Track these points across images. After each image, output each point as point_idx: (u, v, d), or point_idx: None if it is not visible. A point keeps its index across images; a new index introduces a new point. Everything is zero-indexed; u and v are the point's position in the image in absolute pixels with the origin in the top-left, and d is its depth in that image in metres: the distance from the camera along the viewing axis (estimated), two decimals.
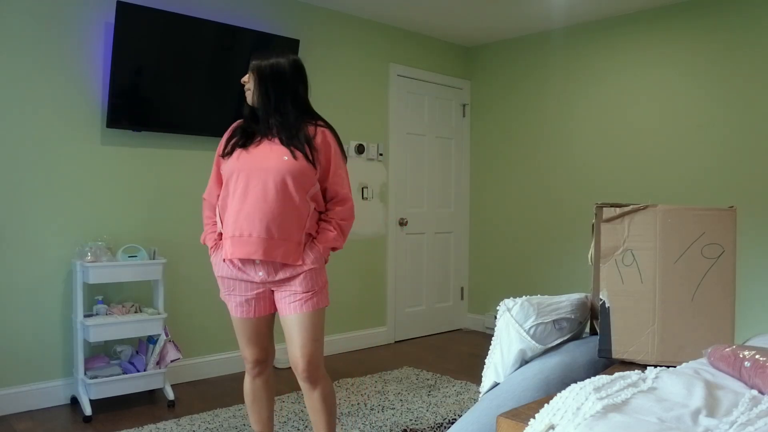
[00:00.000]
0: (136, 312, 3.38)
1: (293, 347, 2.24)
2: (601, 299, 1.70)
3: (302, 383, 2.28)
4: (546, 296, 1.90)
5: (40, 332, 3.27)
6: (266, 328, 2.35)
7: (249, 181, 2.16)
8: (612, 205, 1.70)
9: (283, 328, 2.28)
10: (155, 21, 3.45)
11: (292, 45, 3.95)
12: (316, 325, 2.25)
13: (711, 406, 1.17)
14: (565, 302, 1.87)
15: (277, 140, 2.20)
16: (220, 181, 2.31)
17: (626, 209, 1.68)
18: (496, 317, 1.92)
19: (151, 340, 3.37)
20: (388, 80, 4.82)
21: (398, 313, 4.96)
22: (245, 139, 2.22)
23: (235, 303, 2.28)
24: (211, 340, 3.90)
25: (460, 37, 5.14)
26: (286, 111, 2.21)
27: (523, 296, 1.88)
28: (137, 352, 3.40)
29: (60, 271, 3.32)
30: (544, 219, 4.90)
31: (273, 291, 2.28)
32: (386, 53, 4.82)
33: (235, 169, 2.19)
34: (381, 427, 3.01)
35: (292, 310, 2.22)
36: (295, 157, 2.16)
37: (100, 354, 3.36)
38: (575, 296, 1.93)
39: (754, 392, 1.24)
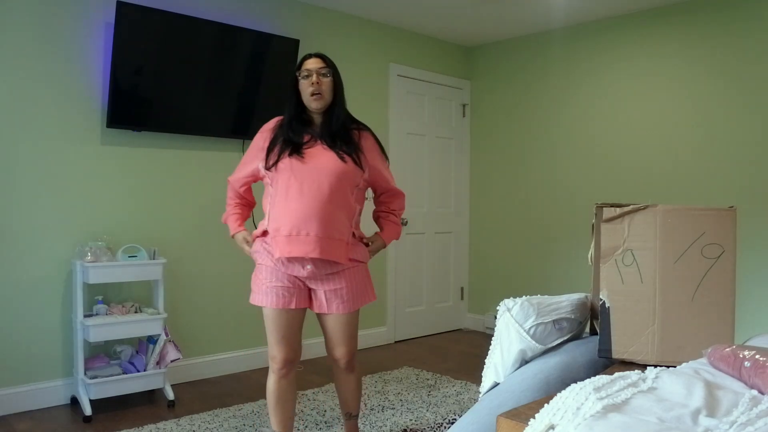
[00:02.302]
0: (136, 312, 3.38)
1: (336, 344, 2.38)
2: (601, 299, 1.70)
3: (340, 370, 2.46)
4: (546, 296, 1.90)
5: (40, 332, 3.27)
6: (299, 324, 2.37)
7: (303, 181, 2.22)
8: (612, 205, 1.70)
9: (321, 323, 2.38)
10: (155, 21, 3.45)
11: (292, 45, 3.95)
12: (354, 324, 2.39)
13: (711, 406, 1.17)
14: (565, 302, 1.87)
15: (326, 143, 2.28)
16: (247, 173, 2.39)
17: (626, 209, 1.68)
18: (496, 317, 1.92)
19: (151, 340, 3.37)
20: (388, 80, 4.82)
21: (398, 313, 4.96)
22: (292, 146, 2.26)
23: (273, 292, 2.29)
24: (211, 340, 3.90)
25: (460, 37, 5.14)
26: (341, 115, 2.33)
27: (523, 296, 1.88)
28: (137, 352, 3.40)
29: (60, 271, 3.33)
30: (544, 219, 4.90)
31: (310, 288, 2.33)
32: (386, 53, 4.82)
33: (287, 169, 2.24)
34: (381, 427, 3.01)
35: (335, 309, 2.30)
36: (344, 160, 2.25)
37: (100, 354, 3.36)
38: (575, 296, 1.93)
39: (754, 392, 1.24)
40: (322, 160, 2.24)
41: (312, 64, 2.32)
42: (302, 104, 2.34)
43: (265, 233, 2.33)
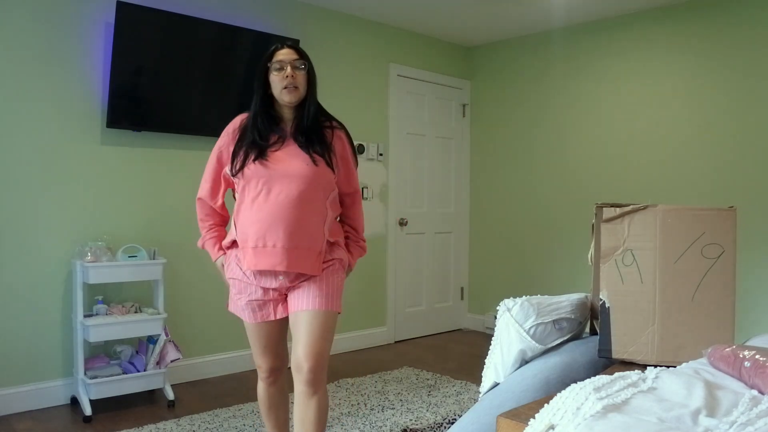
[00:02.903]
0: (136, 312, 3.38)
1: (300, 345, 2.06)
2: (601, 299, 1.70)
3: (302, 387, 2.05)
4: (546, 296, 1.90)
5: (40, 332, 3.27)
6: (280, 333, 2.23)
7: (271, 188, 2.05)
8: (612, 205, 1.70)
9: (291, 326, 2.15)
10: (155, 21, 3.45)
11: None
12: (328, 325, 2.10)
13: (711, 406, 1.17)
14: (565, 302, 1.87)
15: (295, 144, 2.10)
16: (218, 182, 2.21)
17: (626, 209, 1.68)
18: (496, 317, 1.92)
19: (151, 340, 3.37)
20: (388, 80, 4.82)
21: (398, 313, 4.96)
22: (258, 149, 2.08)
23: (249, 308, 2.16)
24: (211, 340, 3.90)
25: (460, 37, 5.14)
26: (313, 110, 2.14)
27: (523, 296, 1.88)
28: (137, 352, 3.40)
29: (60, 271, 3.32)
30: (544, 219, 4.90)
31: (286, 294, 2.17)
32: (386, 53, 4.82)
33: (254, 175, 2.06)
34: (381, 427, 3.01)
35: (304, 305, 2.09)
36: (315, 163, 2.07)
37: (100, 354, 3.36)
38: (575, 296, 1.93)
39: (754, 392, 1.24)
40: (292, 164, 2.06)
41: (285, 55, 2.11)
42: (270, 99, 2.14)
43: (235, 243, 2.18)
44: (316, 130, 2.12)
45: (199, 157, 3.82)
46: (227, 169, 2.17)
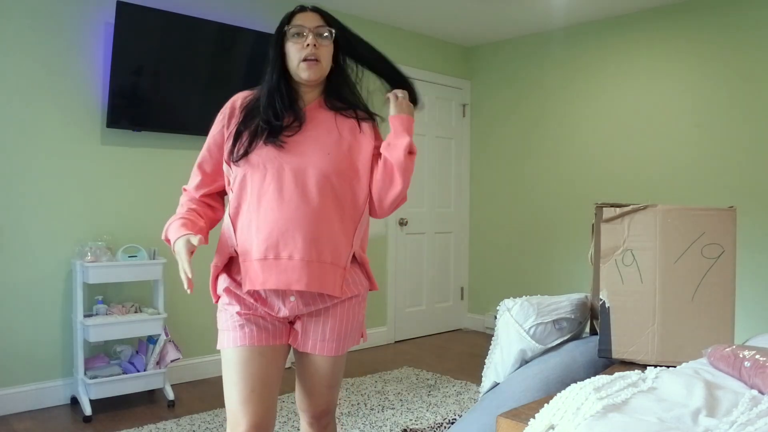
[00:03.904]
0: (136, 312, 3.38)
1: (312, 393, 1.72)
2: (601, 299, 1.70)
3: (310, 429, 1.78)
4: (546, 296, 1.90)
5: (40, 332, 3.27)
6: (278, 372, 1.64)
7: (284, 181, 1.58)
8: (612, 205, 1.70)
9: (298, 363, 1.73)
10: (155, 21, 3.45)
11: None
12: (342, 369, 1.75)
13: (711, 406, 1.17)
14: (565, 302, 1.87)
15: (318, 127, 1.66)
16: (211, 176, 1.74)
17: (626, 209, 1.68)
18: (496, 317, 1.92)
19: (151, 340, 3.37)
20: None
21: (398, 313, 4.96)
22: (270, 129, 1.61)
23: (243, 322, 1.60)
24: (211, 340, 3.90)
25: (460, 37, 5.14)
26: (344, 91, 1.76)
27: (523, 296, 1.88)
28: (137, 352, 3.40)
29: (60, 271, 3.32)
30: (544, 219, 4.90)
31: (290, 321, 1.69)
32: (386, 53, 4.80)
33: (263, 162, 1.60)
34: (381, 427, 3.01)
35: (318, 348, 1.65)
36: (342, 149, 1.65)
37: (100, 354, 3.36)
38: (575, 296, 1.93)
39: (754, 392, 1.24)
40: (313, 151, 1.61)
41: (306, 19, 1.65)
42: (287, 74, 1.69)
43: (230, 262, 1.66)
44: (344, 111, 1.73)
45: None
46: (224, 158, 1.68)
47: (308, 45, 1.62)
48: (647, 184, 4.31)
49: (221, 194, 1.78)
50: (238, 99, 1.74)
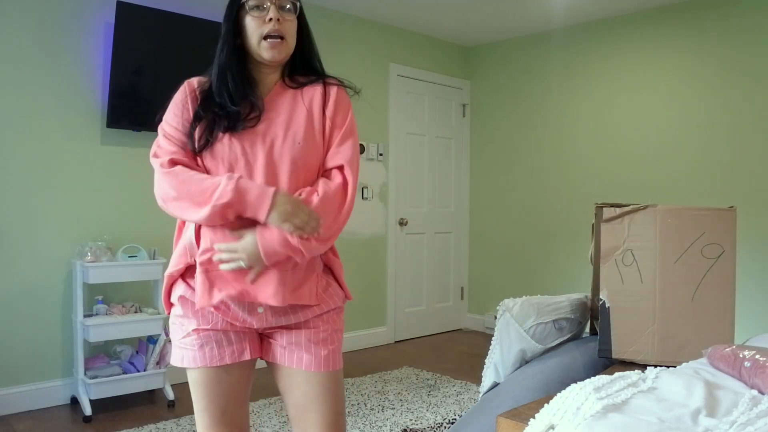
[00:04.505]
0: (136, 312, 3.38)
1: (313, 425, 1.46)
2: (601, 299, 1.70)
3: None
4: (546, 296, 1.90)
5: (40, 332, 3.27)
6: (245, 389, 1.49)
7: (251, 173, 1.41)
8: (612, 205, 1.70)
9: (287, 389, 1.49)
10: (155, 21, 3.45)
11: None
12: (342, 390, 1.51)
13: (711, 406, 1.17)
14: (565, 302, 1.87)
15: (279, 115, 1.45)
16: (187, 150, 1.45)
17: (626, 209, 1.68)
18: (496, 317, 1.92)
19: (151, 340, 3.37)
20: (388, 80, 4.82)
21: (398, 313, 4.96)
22: (229, 118, 1.42)
23: (201, 342, 1.42)
24: None
25: (460, 37, 5.14)
26: (309, 71, 1.57)
27: (523, 296, 1.88)
28: (137, 352, 3.40)
29: (60, 271, 3.32)
30: (544, 219, 4.90)
31: (259, 333, 1.50)
32: (386, 53, 4.82)
33: (226, 153, 1.41)
34: (381, 427, 3.01)
35: (310, 364, 1.44)
36: (308, 139, 1.44)
37: (100, 354, 3.36)
38: (575, 296, 1.93)
39: (754, 392, 1.24)
40: (276, 142, 1.42)
41: None
42: (242, 52, 1.48)
43: (187, 270, 1.47)
44: (307, 87, 1.51)
45: None
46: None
47: (270, 20, 1.42)
48: (647, 184, 4.31)
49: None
50: (193, 82, 1.54)
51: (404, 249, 5.00)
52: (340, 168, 1.46)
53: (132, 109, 3.45)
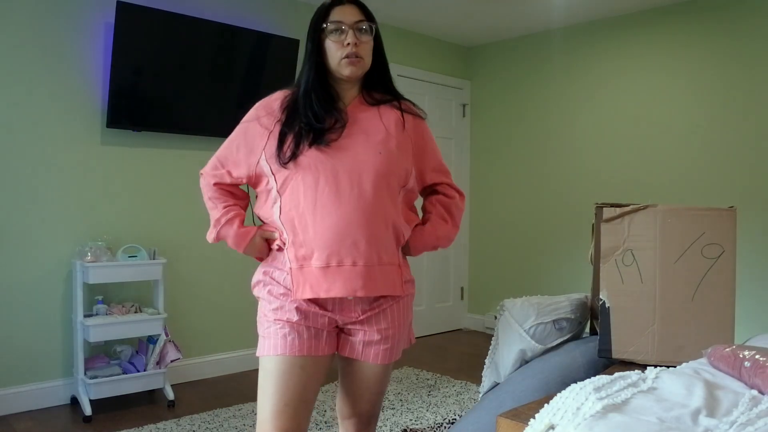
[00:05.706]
0: (136, 312, 3.38)
1: (360, 400, 1.69)
2: (601, 299, 1.70)
3: (352, 430, 1.75)
4: (546, 296, 1.90)
5: (40, 332, 3.27)
6: (315, 386, 1.59)
7: (339, 183, 1.53)
8: (612, 205, 1.70)
9: (345, 370, 1.69)
10: (155, 21, 3.45)
11: (292, 45, 3.95)
12: (390, 376, 1.73)
13: (711, 406, 1.17)
14: (565, 302, 1.87)
15: (360, 127, 1.60)
16: (240, 172, 1.65)
17: (626, 209, 1.68)
18: (496, 317, 1.92)
19: (151, 340, 3.37)
20: None
21: None
22: (314, 132, 1.56)
23: (287, 329, 1.55)
24: (211, 340, 3.90)
25: (460, 37, 5.14)
26: (386, 86, 1.71)
27: (523, 296, 1.88)
28: (137, 352, 3.40)
29: (60, 271, 3.32)
30: (545, 219, 4.90)
31: (341, 328, 1.64)
32: (386, 53, 4.80)
33: (313, 164, 1.53)
34: (381, 427, 3.01)
35: (374, 357, 1.62)
36: (391, 147, 1.59)
37: (100, 354, 3.36)
38: (575, 296, 1.93)
39: (754, 392, 1.24)
40: (359, 152, 1.56)
41: (345, 14, 1.60)
42: (324, 71, 1.62)
43: (279, 249, 1.61)
44: (387, 104, 1.67)
45: (199, 157, 3.82)
46: (263, 161, 1.59)
47: (349, 44, 1.58)
48: (647, 184, 4.31)
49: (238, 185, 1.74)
50: (280, 96, 1.67)
51: None
52: (449, 183, 1.91)
53: (132, 109, 3.45)
